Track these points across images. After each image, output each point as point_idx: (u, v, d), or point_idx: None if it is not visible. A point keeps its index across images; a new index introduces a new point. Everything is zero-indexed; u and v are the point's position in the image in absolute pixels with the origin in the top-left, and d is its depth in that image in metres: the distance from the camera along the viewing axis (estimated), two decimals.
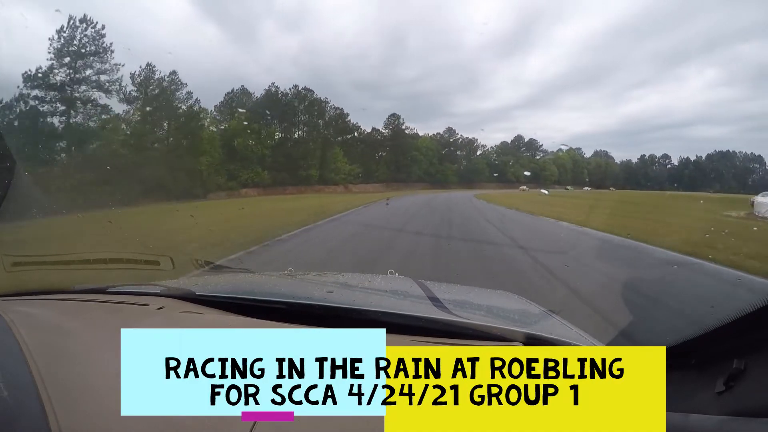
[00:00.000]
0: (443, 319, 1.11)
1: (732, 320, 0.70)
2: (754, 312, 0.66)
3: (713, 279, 5.11)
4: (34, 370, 0.78)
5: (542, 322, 1.33)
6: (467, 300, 1.60)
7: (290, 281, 1.69)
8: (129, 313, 1.23)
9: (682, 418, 0.69)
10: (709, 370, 0.72)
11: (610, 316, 3.47)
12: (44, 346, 0.91)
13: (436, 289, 1.53)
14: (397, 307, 1.18)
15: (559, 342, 1.00)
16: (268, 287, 1.63)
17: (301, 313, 1.14)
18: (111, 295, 1.38)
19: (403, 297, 1.47)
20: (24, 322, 1.05)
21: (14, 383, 0.74)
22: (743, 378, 0.65)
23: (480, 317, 1.22)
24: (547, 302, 2.69)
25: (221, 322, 1.13)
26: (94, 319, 1.21)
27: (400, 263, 5.55)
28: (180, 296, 1.28)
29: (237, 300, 1.24)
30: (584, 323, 2.22)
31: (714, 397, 0.68)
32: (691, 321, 3.30)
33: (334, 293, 1.41)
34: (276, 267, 4.30)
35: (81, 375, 0.83)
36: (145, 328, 0.76)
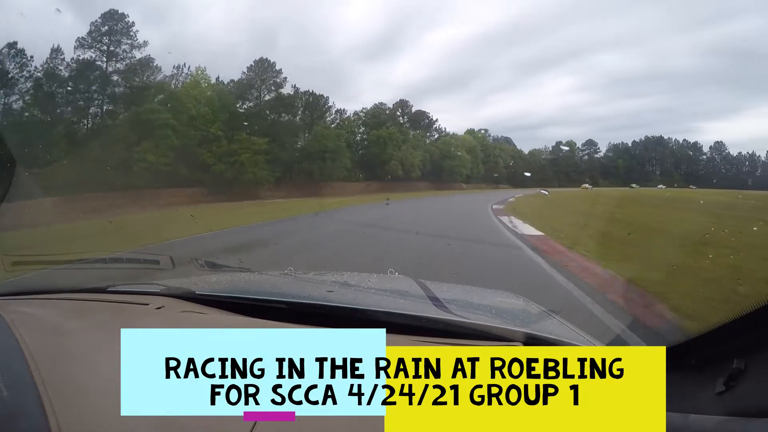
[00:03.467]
0: (443, 319, 1.11)
1: (732, 320, 0.70)
2: (754, 312, 0.66)
3: None
4: (34, 370, 0.78)
5: (542, 322, 1.33)
6: (467, 300, 1.60)
7: (290, 281, 1.69)
8: (129, 312, 1.23)
9: (682, 418, 0.69)
10: (709, 370, 0.72)
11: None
12: (44, 346, 0.91)
13: (436, 288, 1.53)
14: (397, 307, 1.18)
15: (559, 342, 1.00)
16: (268, 287, 1.63)
17: (301, 312, 1.14)
18: (111, 294, 1.38)
19: (403, 297, 1.47)
20: (24, 322, 1.05)
21: (14, 383, 0.74)
22: (743, 378, 0.65)
23: (480, 317, 1.22)
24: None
25: (221, 321, 1.13)
26: (94, 318, 1.21)
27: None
28: (180, 296, 1.28)
29: (237, 299, 1.24)
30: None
31: (714, 397, 0.68)
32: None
33: (334, 293, 1.41)
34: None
35: (81, 375, 0.83)
36: (145, 327, 0.76)
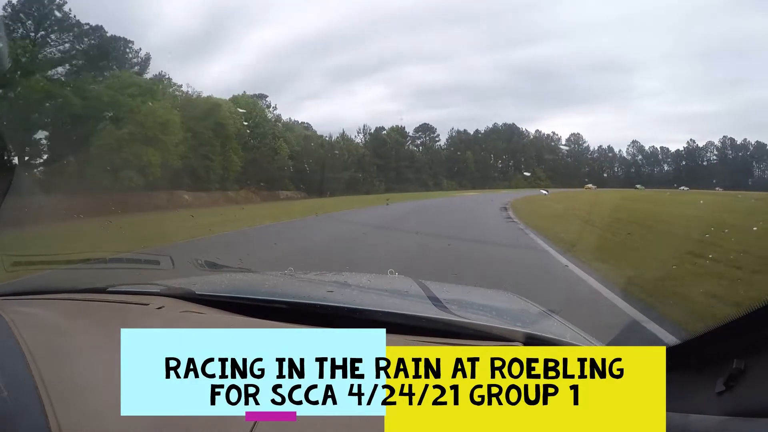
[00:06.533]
0: (443, 319, 1.11)
1: (732, 320, 0.70)
2: (754, 312, 0.66)
3: None
4: (34, 370, 0.78)
5: (542, 322, 1.33)
6: (467, 300, 1.60)
7: (290, 281, 1.69)
8: (129, 312, 1.23)
9: (682, 418, 0.69)
10: (709, 370, 0.72)
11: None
12: (44, 346, 0.91)
13: (436, 288, 1.53)
14: (397, 307, 1.18)
15: (559, 342, 1.00)
16: (268, 287, 1.63)
17: (301, 312, 1.14)
18: (111, 294, 1.38)
19: (403, 297, 1.47)
20: (24, 322, 1.05)
21: (14, 383, 0.74)
22: (743, 378, 0.65)
23: (480, 317, 1.22)
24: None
25: (221, 321, 1.13)
26: (94, 318, 1.21)
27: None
28: (180, 296, 1.28)
29: (237, 299, 1.24)
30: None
31: (714, 397, 0.68)
32: None
33: (334, 293, 1.41)
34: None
35: (81, 375, 0.83)
36: (145, 327, 0.76)
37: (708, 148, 53.02)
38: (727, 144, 51.80)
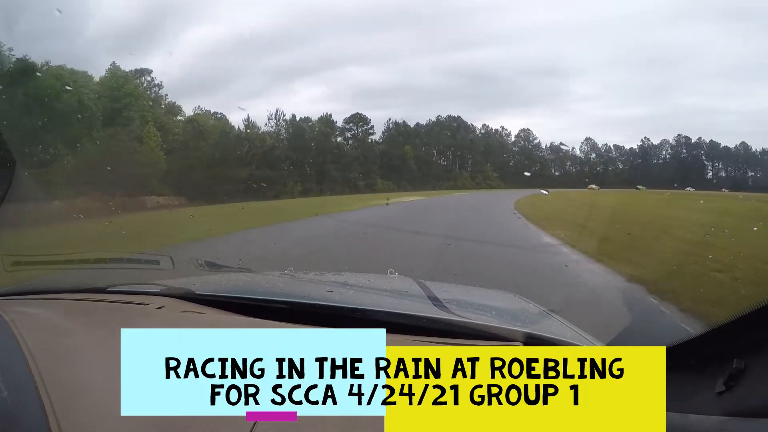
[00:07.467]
0: (443, 319, 1.11)
1: (732, 320, 0.70)
2: (754, 312, 0.66)
3: None
4: (34, 370, 0.78)
5: (542, 322, 1.33)
6: (467, 300, 1.60)
7: (290, 281, 1.69)
8: (129, 312, 1.23)
9: (682, 418, 0.69)
10: (709, 370, 0.72)
11: None
12: (44, 346, 0.91)
13: (436, 288, 1.53)
14: (397, 307, 1.18)
15: (559, 342, 1.00)
16: (268, 287, 1.63)
17: (301, 312, 1.14)
18: (111, 294, 1.38)
19: (403, 297, 1.47)
20: (24, 322, 1.05)
21: (14, 383, 0.74)
22: (743, 378, 0.65)
23: (480, 317, 1.22)
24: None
25: (221, 321, 1.13)
26: (94, 318, 1.21)
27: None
28: (180, 296, 1.28)
29: (237, 299, 1.24)
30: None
31: (714, 397, 0.68)
32: None
33: (334, 293, 1.41)
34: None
35: (81, 375, 0.83)
36: (145, 327, 0.76)
37: (663, 146, 51.07)
38: (681, 142, 50.32)
